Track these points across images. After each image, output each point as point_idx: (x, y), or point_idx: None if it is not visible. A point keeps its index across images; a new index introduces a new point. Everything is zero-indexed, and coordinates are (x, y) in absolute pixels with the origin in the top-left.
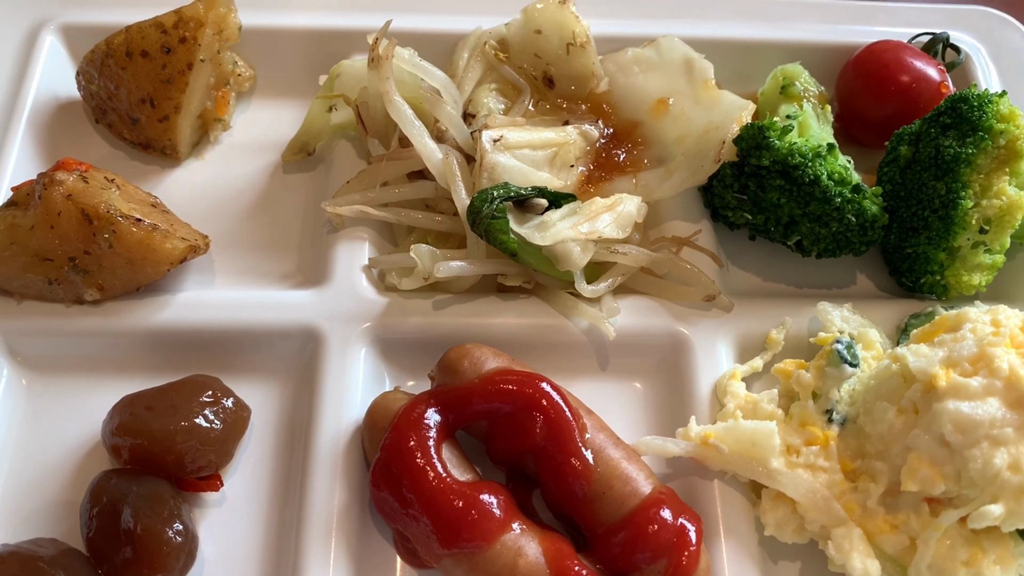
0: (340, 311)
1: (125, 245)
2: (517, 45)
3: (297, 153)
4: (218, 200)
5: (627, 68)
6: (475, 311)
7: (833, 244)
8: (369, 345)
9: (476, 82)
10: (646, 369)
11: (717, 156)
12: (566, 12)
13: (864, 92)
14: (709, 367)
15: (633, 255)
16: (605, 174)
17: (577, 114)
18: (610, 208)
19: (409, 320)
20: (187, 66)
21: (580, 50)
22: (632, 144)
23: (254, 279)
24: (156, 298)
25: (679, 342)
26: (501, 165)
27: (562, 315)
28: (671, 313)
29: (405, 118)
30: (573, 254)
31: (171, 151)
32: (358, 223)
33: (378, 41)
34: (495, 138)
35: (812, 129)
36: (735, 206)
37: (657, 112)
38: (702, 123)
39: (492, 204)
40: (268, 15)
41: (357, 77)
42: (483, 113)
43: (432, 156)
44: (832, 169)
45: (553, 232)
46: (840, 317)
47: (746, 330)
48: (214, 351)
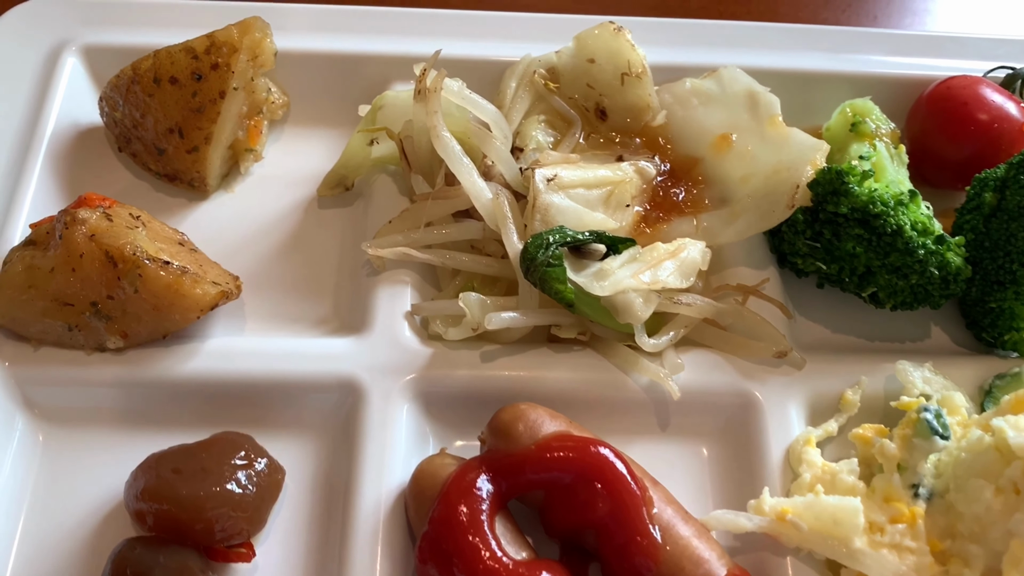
0: (381, 362)
1: (152, 290)
2: (568, 74)
3: (334, 188)
4: (249, 237)
5: (685, 100)
6: (526, 364)
7: (911, 297)
8: (412, 400)
9: (524, 113)
10: (710, 431)
11: (791, 201)
12: (621, 40)
13: (939, 131)
14: (780, 430)
15: (698, 306)
16: (663, 214)
17: (631, 148)
18: (673, 255)
19: (455, 373)
20: (219, 94)
21: (636, 80)
22: (691, 182)
23: (287, 324)
24: (183, 346)
25: (747, 402)
26: (555, 206)
27: (620, 370)
28: (737, 370)
29: (453, 155)
30: (635, 305)
31: (199, 184)
32: (400, 265)
33: (426, 72)
34: (548, 177)
35: (887, 171)
36: (806, 253)
37: (719, 148)
38: (770, 163)
39: (548, 250)
40: (303, 38)
41: (401, 109)
42: (531, 147)
43: (481, 196)
44: (915, 219)
45: (613, 281)
46: (921, 378)
47: (818, 389)
48: (245, 404)
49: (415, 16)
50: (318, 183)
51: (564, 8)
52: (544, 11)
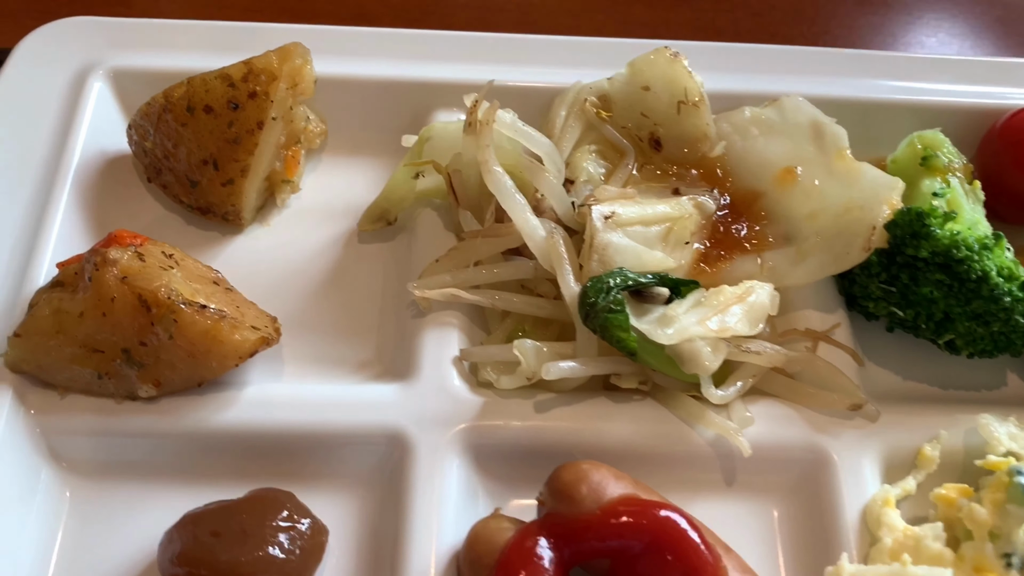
0: (429, 411)
1: (187, 336)
2: (621, 102)
3: (376, 222)
4: (286, 274)
5: (745, 130)
6: (584, 415)
7: (991, 345)
8: (462, 453)
9: (574, 143)
10: (780, 488)
11: (867, 244)
12: (678, 67)
13: (1013, 164)
14: (855, 488)
15: (768, 354)
16: (724, 252)
17: (688, 180)
18: (740, 299)
19: (508, 424)
20: (257, 125)
21: (693, 109)
22: (753, 218)
23: (328, 368)
24: (219, 394)
25: (820, 458)
26: (613, 245)
27: (683, 422)
28: (808, 422)
29: (506, 191)
30: (702, 355)
31: (233, 217)
32: (446, 306)
33: (477, 104)
34: (606, 214)
35: (964, 210)
36: (879, 297)
37: (783, 182)
38: (840, 200)
39: (608, 295)
40: (341, 63)
41: (450, 141)
42: (582, 179)
43: (535, 234)
44: (1001, 264)
45: (678, 328)
46: (1007, 434)
47: (894, 444)
48: (285, 456)
49: (459, 40)
50: (358, 216)
51: (609, 31)
52: (587, 34)
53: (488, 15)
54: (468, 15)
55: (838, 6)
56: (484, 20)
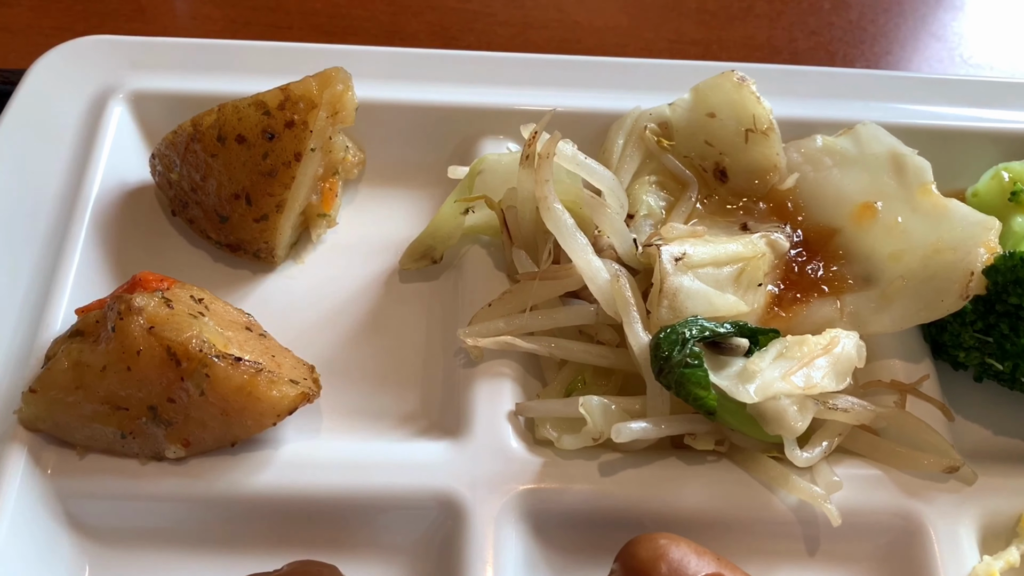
0: (484, 473)
1: (220, 393)
2: (684, 130)
3: (420, 260)
4: (322, 316)
5: (817, 161)
6: (655, 478)
7: None
8: (520, 520)
9: (633, 174)
10: (868, 558)
11: (965, 291)
12: (745, 92)
13: None
14: (952, 560)
15: (855, 411)
16: (800, 295)
17: (755, 215)
18: (826, 350)
19: (572, 488)
20: (295, 156)
21: (762, 137)
22: (829, 257)
23: (369, 422)
24: (252, 454)
25: (912, 525)
26: (684, 290)
27: (764, 487)
28: (899, 486)
29: (566, 230)
30: (788, 415)
31: (266, 255)
32: (500, 355)
33: (536, 136)
34: (677, 256)
35: None
36: (972, 347)
37: (861, 218)
38: (927, 239)
39: (684, 348)
40: (378, 87)
41: (503, 175)
42: (642, 212)
43: (598, 277)
44: None
45: (762, 384)
46: None
47: (992, 509)
48: (325, 523)
49: (507, 62)
50: (398, 251)
51: (659, 50)
52: (636, 54)
53: (530, 32)
54: (508, 32)
55: (900, 25)
56: (525, 38)
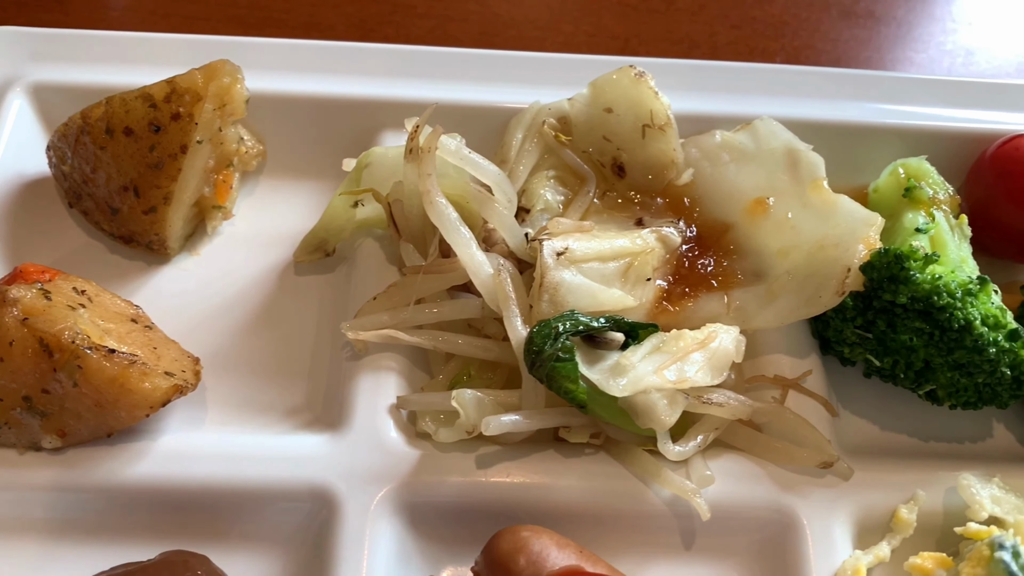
0: (360, 467)
1: (93, 384)
2: (582, 125)
3: (313, 253)
4: (214, 308)
5: (714, 156)
6: (530, 470)
7: (975, 397)
8: (395, 513)
9: (531, 169)
10: (743, 552)
11: (841, 287)
12: (643, 87)
13: (1004, 196)
14: (824, 554)
15: (731, 406)
16: (689, 289)
17: (652, 210)
18: (702, 345)
19: (447, 481)
20: (180, 149)
21: (659, 133)
22: (721, 252)
23: (254, 415)
24: (131, 445)
25: (787, 520)
26: (565, 284)
27: (639, 479)
28: (775, 481)
29: (449, 223)
30: (658, 408)
31: (159, 247)
32: (386, 348)
33: (418, 129)
34: (559, 250)
35: (948, 248)
36: (855, 343)
37: (753, 214)
38: (814, 235)
39: (557, 342)
40: (281, 78)
41: (390, 168)
42: (538, 207)
43: (481, 271)
44: (986, 312)
45: (633, 378)
46: (990, 497)
47: (868, 504)
48: (201, 514)
49: (410, 55)
50: (296, 244)
51: (577, 45)
52: (554, 48)
53: (449, 25)
54: (427, 24)
55: (822, 19)
56: (444, 31)
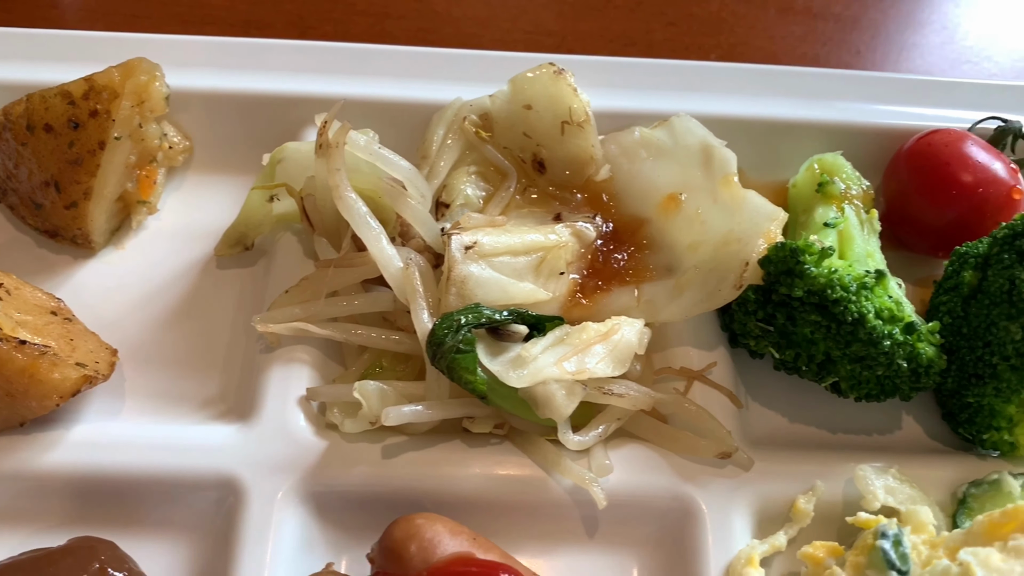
0: (267, 456)
1: (4, 374)
2: (503, 121)
3: (233, 247)
4: (136, 301)
5: (633, 152)
6: (435, 460)
7: (877, 389)
8: (301, 502)
9: (453, 164)
10: (644, 540)
11: (738, 281)
12: (562, 84)
13: (917, 192)
14: (723, 543)
15: (631, 396)
16: (602, 283)
17: (571, 205)
18: (604, 337)
19: (352, 471)
20: (98, 145)
21: (577, 130)
22: (635, 246)
23: (170, 405)
24: (44, 433)
25: (686, 508)
26: (474, 278)
27: (541, 468)
28: (676, 470)
29: (359, 217)
30: (556, 399)
31: (83, 241)
32: (300, 341)
33: (327, 125)
34: (467, 244)
35: (855, 242)
36: (758, 335)
37: (667, 210)
38: (721, 230)
39: (458, 334)
40: (207, 75)
41: (303, 163)
42: (459, 202)
43: (390, 264)
44: (881, 305)
45: (532, 370)
46: (884, 487)
47: (768, 495)
48: (112, 502)
49: (335, 51)
50: (219, 238)
51: (514, 41)
52: (491, 45)
53: (387, 22)
54: (366, 21)
55: (759, 16)
56: (382, 28)
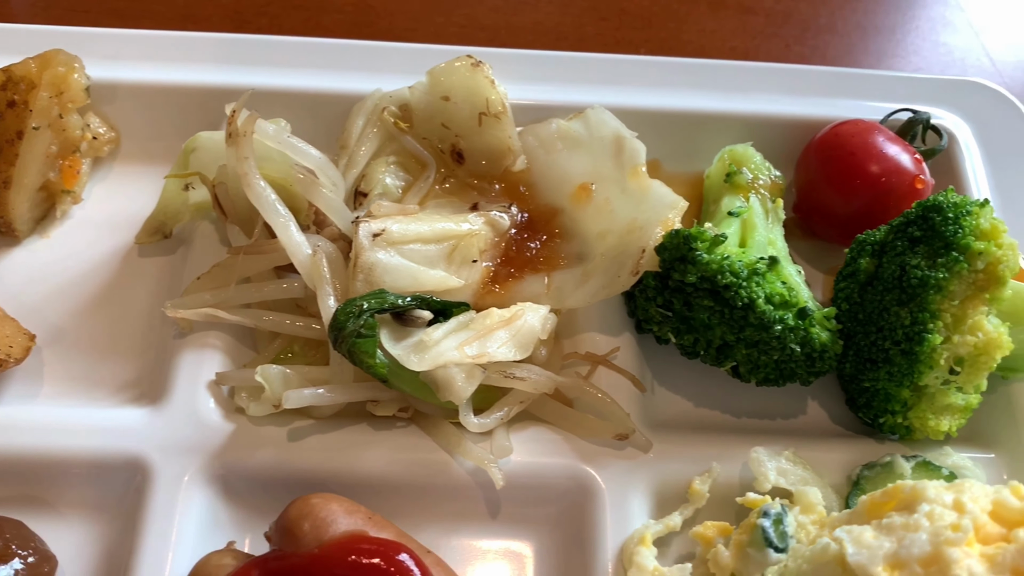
0: (175, 439)
1: None
2: (422, 112)
3: (153, 235)
4: (58, 288)
5: (550, 144)
6: (340, 443)
7: (775, 374)
8: (208, 484)
9: (372, 154)
10: (544, 520)
11: (635, 267)
12: (479, 77)
13: (826, 182)
14: (620, 522)
15: (533, 380)
16: (515, 271)
17: (489, 195)
18: (507, 323)
19: (258, 454)
20: (16, 135)
21: (494, 121)
22: (549, 235)
23: (87, 390)
24: None
25: (585, 489)
26: (381, 264)
27: (444, 450)
28: (577, 452)
29: (267, 204)
30: (455, 383)
31: (6, 229)
32: (212, 327)
33: (235, 114)
34: (376, 232)
35: (757, 230)
36: (660, 321)
37: (578, 199)
38: (626, 219)
39: (360, 318)
40: (134, 67)
41: (216, 152)
42: (377, 192)
43: (299, 251)
44: (772, 291)
45: (433, 355)
46: (776, 469)
47: (667, 476)
48: (23, 483)
49: (257, 44)
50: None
51: (448, 35)
52: (426, 39)
53: (322, 17)
54: (302, 15)
55: (691, 11)
56: (317, 23)
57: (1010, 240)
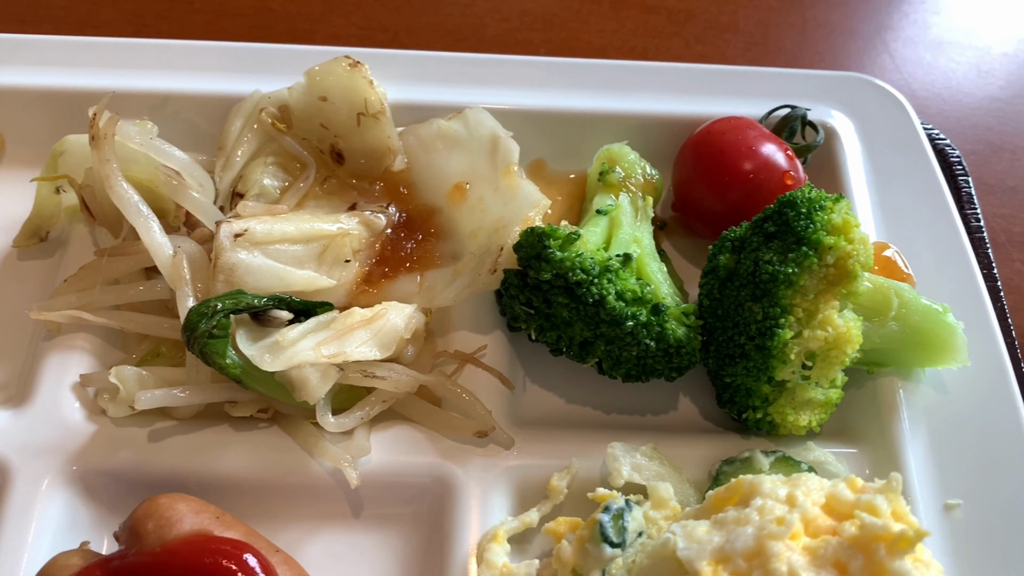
0: (36, 440)
1: None
2: (301, 113)
3: (30, 238)
4: None
5: (430, 144)
6: (200, 445)
7: (637, 369)
8: (68, 484)
9: (251, 155)
10: (406, 518)
11: (493, 265)
12: (357, 77)
13: (699, 180)
14: (481, 519)
15: (394, 379)
16: (389, 271)
17: (370, 195)
18: (369, 322)
19: (118, 455)
20: None
21: (373, 121)
22: (426, 235)
23: None
24: None
25: (447, 486)
26: (243, 265)
27: (304, 451)
28: (441, 450)
29: (129, 206)
30: (310, 382)
31: None
32: (80, 329)
33: (97, 117)
34: (237, 232)
35: (622, 228)
36: (525, 318)
37: (454, 199)
38: (495, 217)
39: (212, 319)
40: (15, 73)
41: (83, 155)
42: (254, 192)
43: (160, 252)
44: (624, 287)
45: (288, 355)
46: (631, 465)
47: (529, 472)
48: None
49: (140, 48)
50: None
51: (346, 37)
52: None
53: (223, 20)
54: (203, 19)
55: (593, 11)
56: (218, 26)
57: (862, 235)
